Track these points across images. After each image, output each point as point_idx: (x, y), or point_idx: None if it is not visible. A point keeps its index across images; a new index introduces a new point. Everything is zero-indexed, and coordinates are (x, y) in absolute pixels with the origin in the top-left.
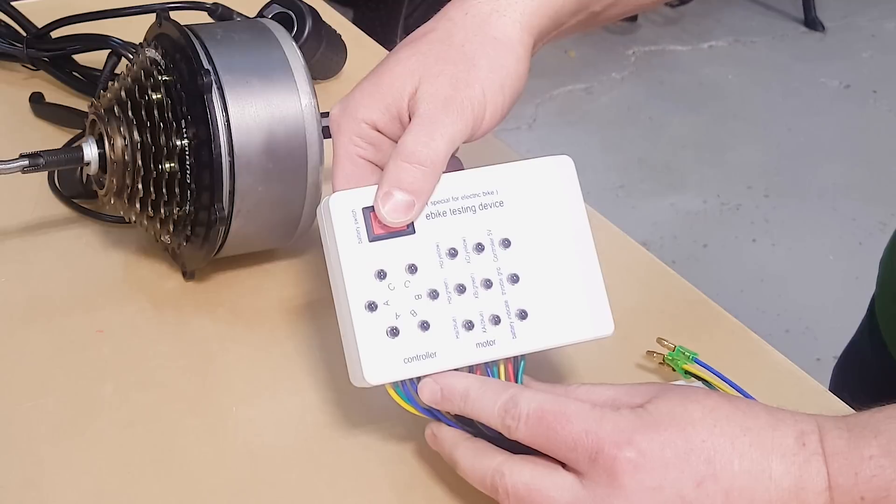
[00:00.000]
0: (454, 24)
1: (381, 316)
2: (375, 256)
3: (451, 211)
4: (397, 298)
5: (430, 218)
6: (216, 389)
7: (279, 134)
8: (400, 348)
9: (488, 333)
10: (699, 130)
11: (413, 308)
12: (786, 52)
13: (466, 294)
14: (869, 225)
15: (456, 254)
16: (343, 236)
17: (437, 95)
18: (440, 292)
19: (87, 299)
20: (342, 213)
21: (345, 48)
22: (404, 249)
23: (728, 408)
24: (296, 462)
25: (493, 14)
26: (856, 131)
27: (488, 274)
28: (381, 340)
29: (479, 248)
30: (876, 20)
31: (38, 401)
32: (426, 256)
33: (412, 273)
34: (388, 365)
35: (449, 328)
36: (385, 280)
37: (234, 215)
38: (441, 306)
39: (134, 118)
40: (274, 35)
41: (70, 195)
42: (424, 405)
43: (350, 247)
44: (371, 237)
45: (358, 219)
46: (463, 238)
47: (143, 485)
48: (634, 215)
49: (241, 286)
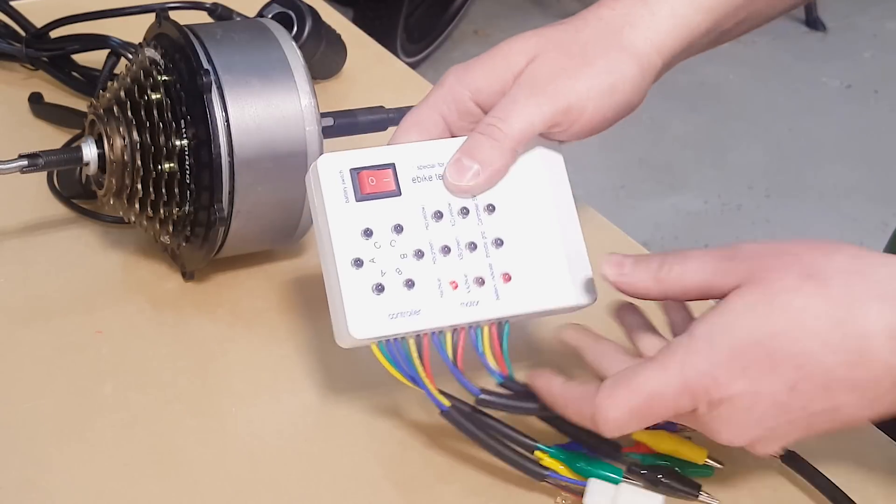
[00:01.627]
0: (586, 24)
1: (367, 272)
2: (362, 215)
3: (437, 176)
4: (383, 256)
5: (416, 182)
6: (216, 390)
7: (279, 134)
8: (385, 304)
9: (472, 294)
10: (700, 130)
11: (398, 266)
12: (787, 51)
13: (451, 255)
14: (870, 225)
15: (441, 216)
16: (330, 195)
17: (536, 76)
18: (425, 252)
19: (87, 300)
20: (330, 173)
21: (345, 48)
22: (391, 210)
23: (818, 305)
24: (296, 462)
25: (626, 27)
26: (857, 131)
27: (473, 237)
28: (366, 296)
29: (464, 213)
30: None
31: (38, 401)
32: (412, 218)
33: (398, 233)
34: (373, 320)
35: (433, 287)
36: (371, 238)
37: (233, 216)
38: (426, 266)
39: (133, 118)
40: (274, 35)
41: (69, 195)
42: (406, 369)
43: (337, 205)
44: (358, 197)
45: (345, 179)
46: (448, 202)
47: (143, 485)
48: (635, 215)
49: (240, 287)
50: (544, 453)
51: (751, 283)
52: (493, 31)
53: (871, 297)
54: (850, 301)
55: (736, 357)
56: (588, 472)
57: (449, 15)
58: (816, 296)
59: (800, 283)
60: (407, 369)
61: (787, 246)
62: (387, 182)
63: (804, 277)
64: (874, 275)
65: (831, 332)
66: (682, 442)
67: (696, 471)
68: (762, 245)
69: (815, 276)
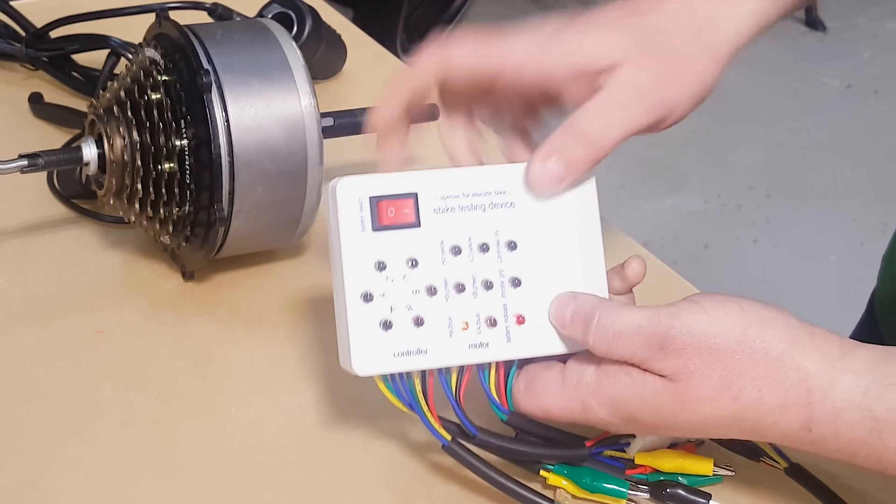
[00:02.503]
0: (677, 17)
1: (376, 307)
2: (377, 247)
3: (459, 207)
4: (394, 291)
5: (438, 212)
6: (216, 390)
7: (279, 134)
8: (391, 342)
9: (483, 335)
10: (700, 130)
11: (409, 303)
12: (787, 51)
13: (465, 293)
14: (870, 225)
15: (460, 252)
16: (346, 223)
17: (636, 84)
18: (439, 289)
19: (87, 300)
20: (348, 199)
21: (345, 48)
22: (407, 242)
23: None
24: (295, 462)
25: (716, 21)
26: (857, 131)
27: (490, 275)
28: (373, 332)
29: (484, 249)
30: (877, 20)
31: (38, 401)
32: (429, 252)
33: (412, 267)
34: (377, 357)
35: (443, 326)
36: (384, 272)
37: (233, 216)
38: (438, 303)
39: (133, 118)
40: (274, 35)
41: (69, 195)
42: (409, 400)
43: (352, 234)
44: (375, 227)
45: (364, 207)
46: (469, 236)
47: (143, 485)
48: (635, 216)
49: (240, 287)
50: (549, 471)
51: (671, 379)
52: None
53: (775, 406)
54: (755, 409)
55: (631, 420)
56: (594, 487)
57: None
58: (726, 406)
59: (716, 394)
60: (411, 403)
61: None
62: (407, 213)
63: (721, 389)
64: (784, 382)
65: (732, 425)
66: (685, 457)
67: (706, 480)
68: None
69: (731, 386)
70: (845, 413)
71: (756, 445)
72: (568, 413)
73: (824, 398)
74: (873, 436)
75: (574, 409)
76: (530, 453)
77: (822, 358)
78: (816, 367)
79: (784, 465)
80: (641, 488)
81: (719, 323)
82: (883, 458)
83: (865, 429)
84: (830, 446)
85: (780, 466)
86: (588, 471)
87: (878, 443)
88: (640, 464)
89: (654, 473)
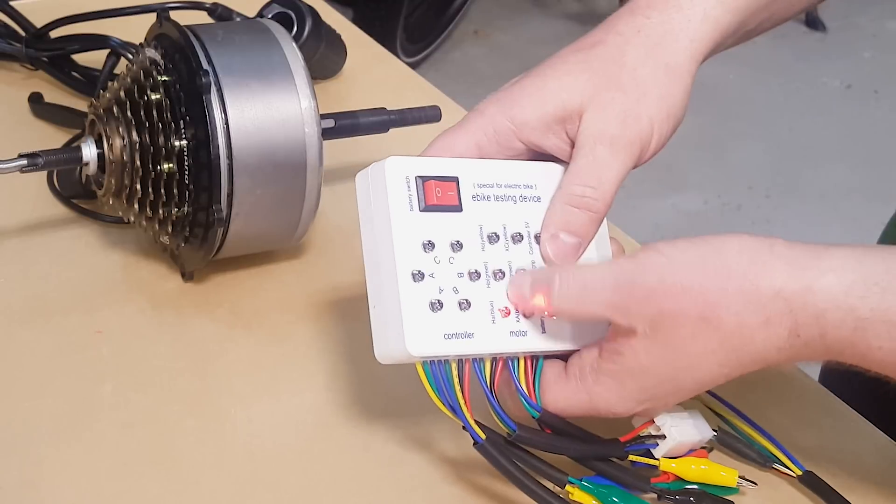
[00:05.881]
0: (626, 42)
1: (427, 287)
2: (425, 227)
3: (494, 196)
4: (442, 272)
5: (476, 200)
6: (215, 390)
7: (278, 136)
8: (441, 323)
9: (521, 324)
10: (700, 130)
11: (455, 285)
12: (787, 51)
13: (504, 280)
14: (870, 225)
15: (497, 239)
16: (396, 201)
17: (607, 133)
18: (482, 274)
19: (86, 300)
20: (397, 178)
21: (345, 48)
22: (452, 225)
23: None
24: (295, 463)
25: (666, 36)
26: (857, 131)
27: (524, 264)
28: (424, 312)
29: (518, 238)
30: (877, 20)
31: (37, 401)
32: (471, 236)
33: (457, 250)
34: (429, 338)
35: (487, 311)
36: (432, 252)
37: (232, 217)
38: (481, 288)
39: (133, 118)
40: (274, 36)
41: (69, 195)
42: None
43: (403, 213)
44: (422, 207)
45: (412, 186)
46: (504, 224)
47: (142, 485)
48: (635, 216)
49: (240, 287)
50: (575, 486)
51: (652, 332)
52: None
53: (759, 325)
54: (740, 334)
55: (644, 391)
56: None
57: (449, 15)
58: (711, 338)
59: (696, 328)
60: (448, 396)
61: (681, 279)
62: (451, 196)
63: (699, 322)
64: (760, 299)
65: (728, 358)
66: (710, 466)
67: (724, 490)
68: (658, 282)
69: (708, 317)
70: (828, 313)
71: (769, 452)
72: (575, 406)
73: (804, 303)
74: (857, 335)
75: (581, 400)
76: (569, 448)
77: (790, 265)
78: (787, 275)
79: (798, 472)
80: (667, 500)
81: (677, 261)
82: (867, 357)
83: (849, 328)
84: (818, 347)
85: (793, 474)
86: (618, 491)
87: (861, 341)
88: (666, 471)
89: (677, 482)
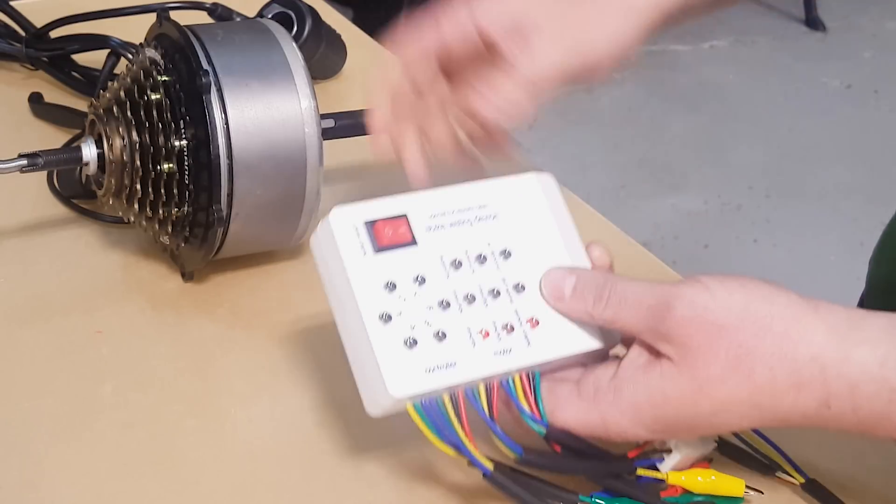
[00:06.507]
0: None
1: (397, 327)
2: (383, 268)
3: (449, 224)
4: (410, 309)
5: (431, 231)
6: (215, 390)
7: (278, 136)
8: (420, 358)
9: (503, 342)
10: (700, 130)
11: (426, 318)
12: (787, 51)
13: (477, 303)
14: (870, 225)
15: (461, 265)
16: (347, 250)
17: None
18: (451, 302)
19: (86, 300)
20: (344, 228)
21: (345, 48)
22: (410, 261)
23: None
24: (295, 463)
25: None
26: (857, 131)
27: (494, 284)
28: (399, 351)
29: (482, 259)
30: (877, 20)
31: (37, 401)
32: (432, 267)
33: (420, 284)
34: (410, 376)
35: (465, 337)
36: (395, 291)
37: (232, 217)
38: (454, 316)
39: (133, 118)
40: (274, 36)
41: (69, 195)
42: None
43: (356, 260)
44: (376, 249)
45: (360, 233)
46: (465, 249)
47: (142, 485)
48: (635, 215)
49: (240, 287)
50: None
51: (680, 364)
52: None
53: (790, 386)
54: (770, 391)
55: (659, 421)
56: None
57: None
58: (742, 387)
59: (726, 373)
60: (447, 433)
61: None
62: (403, 233)
63: (731, 367)
64: (796, 360)
65: (751, 412)
66: (718, 477)
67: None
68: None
69: (741, 362)
70: (862, 386)
71: (771, 460)
72: (585, 427)
73: (839, 373)
74: (891, 407)
75: (592, 421)
76: (577, 467)
77: (830, 331)
78: (826, 341)
79: (800, 480)
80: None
81: (720, 298)
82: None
83: (884, 401)
84: (849, 420)
85: (796, 482)
86: (625, 501)
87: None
88: (673, 484)
89: (685, 495)
